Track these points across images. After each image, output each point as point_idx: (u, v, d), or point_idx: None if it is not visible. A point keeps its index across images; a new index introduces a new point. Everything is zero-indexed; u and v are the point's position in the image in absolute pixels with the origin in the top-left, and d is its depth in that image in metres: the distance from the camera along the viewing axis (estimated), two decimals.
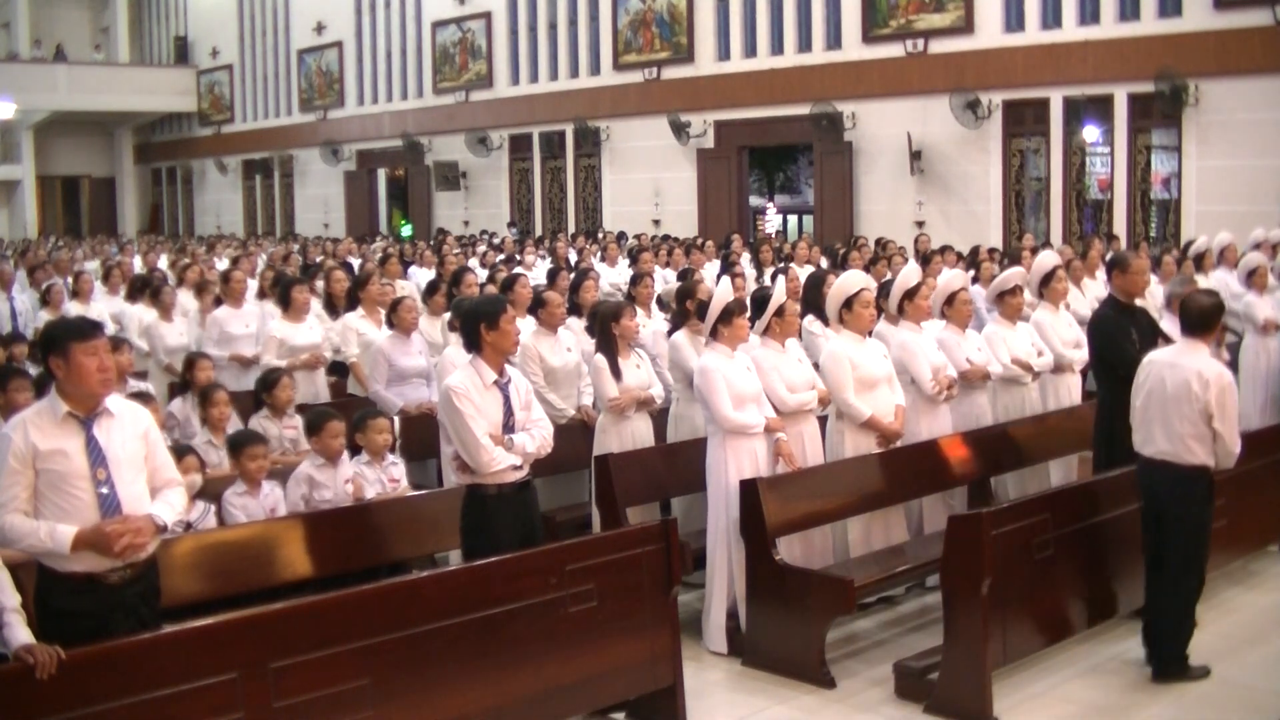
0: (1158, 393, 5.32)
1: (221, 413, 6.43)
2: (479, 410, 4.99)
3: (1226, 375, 5.29)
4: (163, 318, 9.53)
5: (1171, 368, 5.30)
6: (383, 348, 7.77)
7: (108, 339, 4.24)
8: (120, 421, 4.14)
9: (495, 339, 5.07)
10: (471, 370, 5.10)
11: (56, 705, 3.58)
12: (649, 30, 21.67)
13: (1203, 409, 5.18)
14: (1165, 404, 5.28)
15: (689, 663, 5.28)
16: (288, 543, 5.37)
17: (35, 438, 3.98)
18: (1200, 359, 5.28)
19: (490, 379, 5.08)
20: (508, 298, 7.28)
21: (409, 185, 27.80)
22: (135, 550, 4.02)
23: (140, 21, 35.41)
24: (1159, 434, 5.32)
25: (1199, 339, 5.34)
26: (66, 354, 4.03)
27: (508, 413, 5.09)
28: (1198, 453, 5.23)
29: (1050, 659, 5.64)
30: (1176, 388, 5.24)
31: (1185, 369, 5.24)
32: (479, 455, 4.95)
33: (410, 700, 4.25)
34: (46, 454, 3.98)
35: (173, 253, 19.01)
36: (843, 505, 6.11)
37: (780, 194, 30.71)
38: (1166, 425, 5.28)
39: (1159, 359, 5.45)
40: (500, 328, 5.07)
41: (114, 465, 4.06)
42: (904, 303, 6.94)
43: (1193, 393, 5.19)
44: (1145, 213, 16.33)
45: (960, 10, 17.42)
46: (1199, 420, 5.20)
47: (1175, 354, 5.40)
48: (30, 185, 32.16)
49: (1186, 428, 5.22)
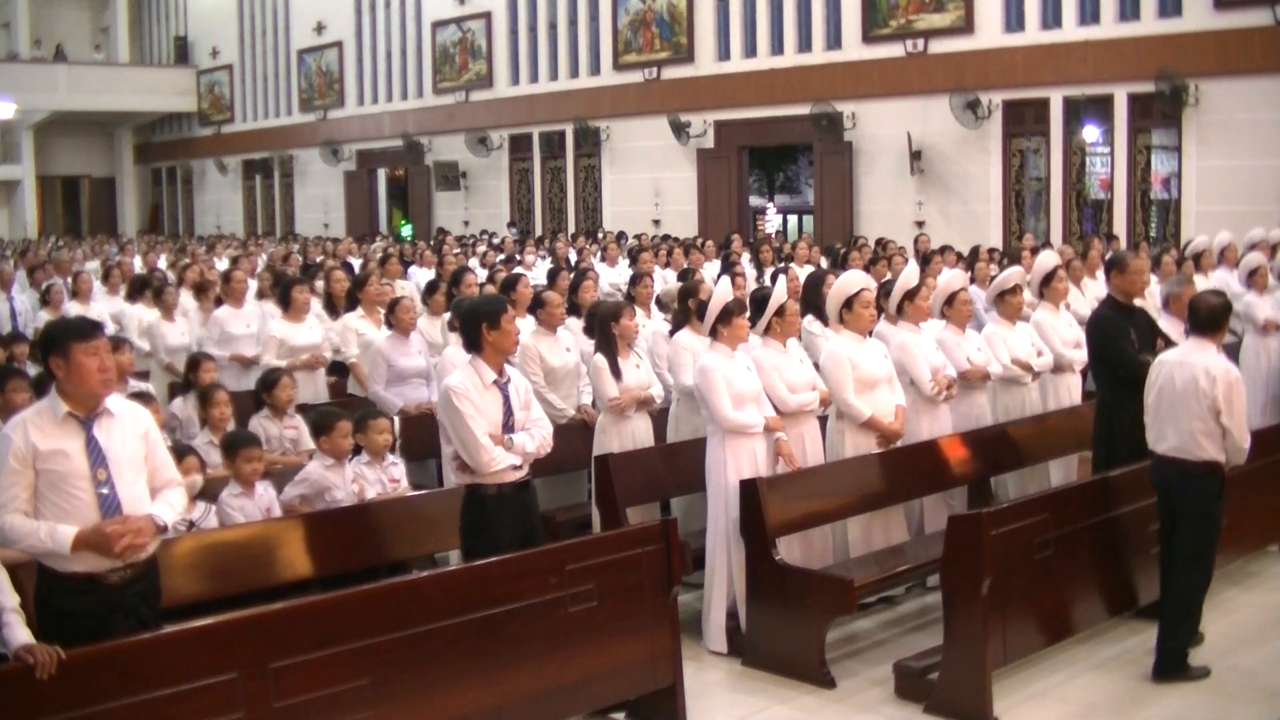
0: (1168, 390, 5.40)
1: (222, 413, 6.43)
2: (479, 410, 4.99)
3: (1234, 371, 5.36)
4: (164, 317, 9.55)
5: (1180, 366, 5.38)
6: (382, 348, 7.77)
7: (108, 339, 4.24)
8: (120, 422, 4.14)
9: (496, 339, 5.07)
10: (471, 370, 5.10)
11: (56, 705, 3.58)
12: (649, 30, 21.67)
13: (1211, 405, 5.25)
14: (1175, 401, 5.35)
15: (689, 663, 5.28)
16: (288, 543, 5.37)
17: (35, 438, 3.98)
18: (1208, 356, 5.35)
19: (490, 379, 5.08)
20: (508, 297, 7.29)
21: (409, 185, 27.80)
22: (135, 551, 4.02)
23: (140, 21, 35.40)
24: (1170, 431, 5.38)
25: (1207, 338, 5.41)
26: (67, 354, 4.03)
27: (507, 412, 5.09)
28: (1207, 449, 5.30)
29: (1050, 659, 5.64)
30: (1185, 385, 5.31)
31: (1193, 366, 5.32)
32: (478, 455, 4.95)
33: (410, 700, 4.25)
34: (46, 454, 3.98)
35: (173, 253, 19.02)
36: (843, 505, 6.11)
37: (780, 194, 30.71)
38: (1177, 422, 5.35)
39: (1169, 358, 5.52)
40: (501, 327, 5.07)
41: (114, 465, 4.06)
42: (904, 303, 6.94)
43: (1200, 389, 5.26)
44: (1145, 213, 16.34)
45: (960, 10, 17.42)
46: (1208, 416, 5.27)
47: (1184, 352, 5.47)
48: (30, 185, 32.15)
49: (1196, 424, 5.29)
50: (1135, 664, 5.64)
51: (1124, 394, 6.23)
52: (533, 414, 5.21)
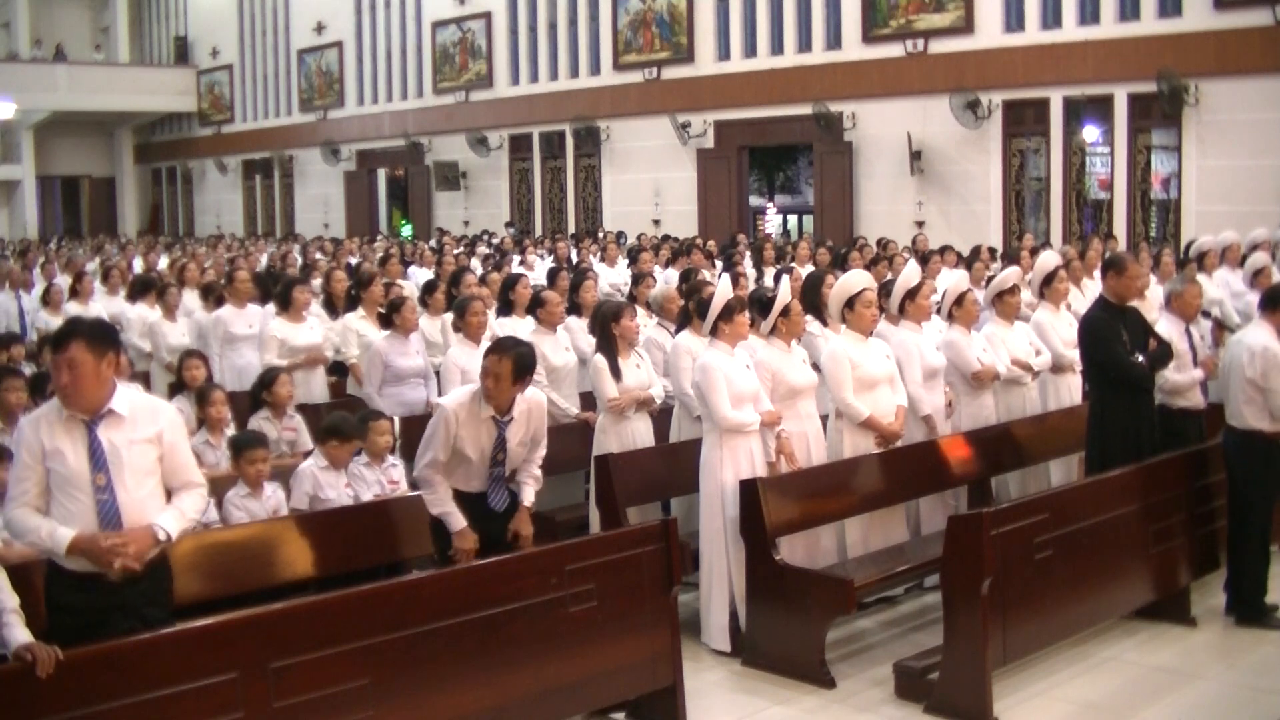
0: (1227, 365, 6.13)
1: (219, 412, 6.42)
2: (448, 434, 5.10)
3: (1274, 347, 5.93)
4: (166, 317, 9.56)
5: (1237, 344, 6.09)
6: (380, 349, 7.75)
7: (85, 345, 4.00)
8: (131, 423, 4.04)
9: (490, 385, 5.13)
10: (472, 400, 5.15)
11: (56, 705, 3.57)
12: (649, 30, 21.67)
13: (1252, 378, 5.88)
14: (1229, 374, 6.06)
15: (689, 663, 5.28)
16: (288, 543, 5.37)
17: (44, 435, 3.97)
18: (1257, 333, 6.00)
19: (488, 414, 5.14)
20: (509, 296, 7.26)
21: (409, 185, 27.80)
22: (128, 564, 3.93)
23: (140, 21, 35.40)
24: (1229, 402, 6.07)
25: (1270, 318, 6.03)
26: (51, 357, 4.03)
27: (499, 446, 5.16)
28: (1248, 417, 5.95)
29: (1050, 659, 5.64)
30: (1234, 359, 6.01)
31: (1242, 343, 6.03)
32: (418, 467, 5.20)
33: (410, 700, 4.25)
34: (51, 453, 3.96)
35: (173, 253, 19.00)
36: (843, 505, 6.11)
37: (780, 194, 30.72)
38: (1230, 393, 6.04)
39: (1234, 338, 6.37)
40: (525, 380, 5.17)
41: (115, 471, 3.98)
42: (905, 303, 6.94)
43: (1242, 363, 5.92)
44: (1145, 213, 16.34)
45: (960, 10, 17.42)
46: (1247, 387, 5.91)
47: (1245, 331, 6.29)
48: (30, 185, 32.15)
49: (1240, 395, 5.96)
50: (1135, 664, 5.65)
51: (1116, 395, 6.24)
52: (535, 454, 5.31)
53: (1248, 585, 6.09)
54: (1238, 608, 6.13)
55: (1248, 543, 6.04)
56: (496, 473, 5.23)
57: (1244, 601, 6.10)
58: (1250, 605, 6.08)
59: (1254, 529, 6.03)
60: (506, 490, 5.29)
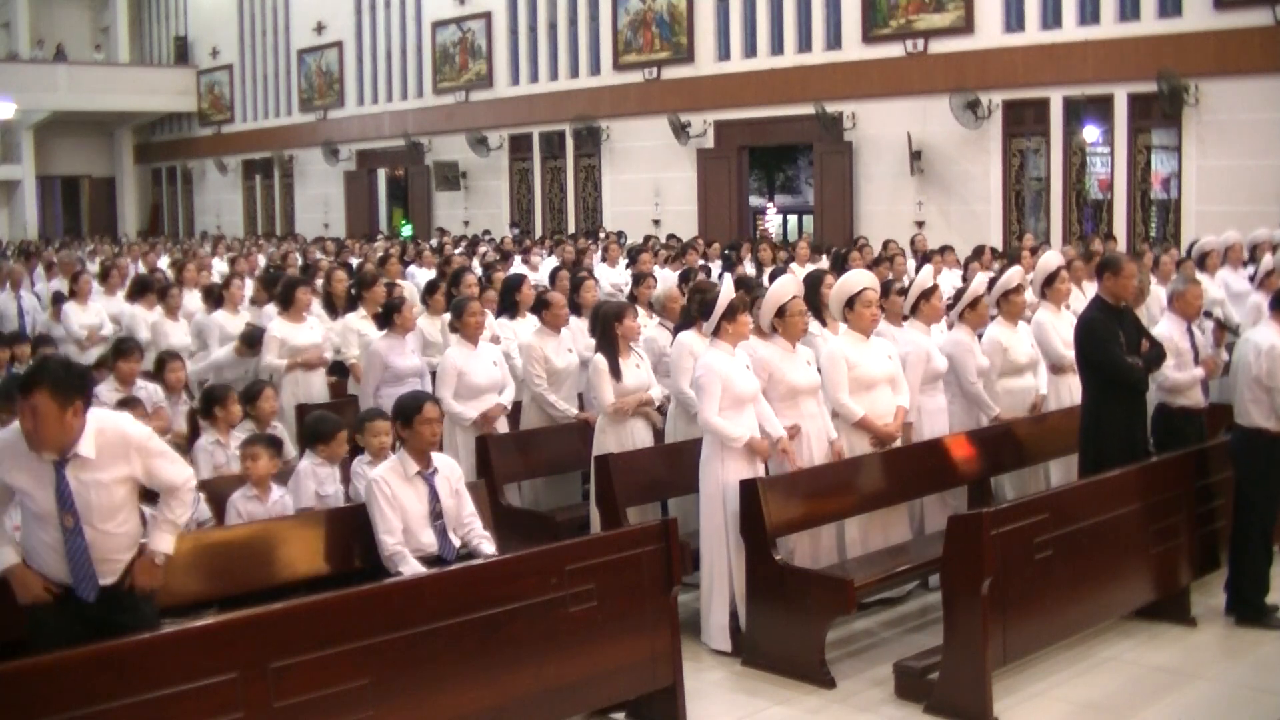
0: (1235, 363, 6.15)
1: (231, 413, 6.39)
2: (391, 505, 5.11)
3: (1279, 347, 5.94)
4: (168, 317, 9.59)
5: (1245, 342, 6.12)
6: (379, 350, 7.75)
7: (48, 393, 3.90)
8: (98, 464, 4.03)
9: (410, 436, 5.20)
10: (397, 461, 5.24)
11: (56, 705, 3.57)
12: (649, 30, 21.66)
13: (1258, 376, 5.90)
14: (1238, 374, 6.06)
15: (689, 663, 5.27)
16: (288, 543, 5.36)
17: (9, 469, 4.00)
18: (1265, 333, 6.00)
19: (413, 470, 5.17)
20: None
21: (409, 185, 27.79)
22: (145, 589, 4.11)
23: (140, 21, 35.39)
24: (1236, 400, 6.09)
25: (1279, 318, 6.06)
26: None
27: (433, 500, 5.20)
28: (1253, 416, 5.97)
29: (1050, 659, 5.64)
30: (1241, 358, 6.03)
31: (1250, 342, 6.05)
32: (382, 550, 5.13)
33: (410, 700, 4.25)
34: (19, 490, 4.01)
35: (173, 254, 18.99)
36: (843, 505, 6.11)
37: (780, 194, 30.71)
38: (1237, 392, 6.07)
39: (1243, 337, 6.41)
40: (414, 427, 5.18)
41: (84, 511, 4.02)
42: (919, 303, 6.95)
43: (1249, 362, 5.94)
44: (1145, 213, 16.33)
45: (960, 10, 17.41)
46: (1253, 385, 5.93)
47: (1253, 330, 6.30)
48: (30, 185, 32.13)
49: (1246, 393, 5.99)
50: (1135, 664, 5.65)
51: (1111, 396, 6.24)
52: (465, 509, 5.30)
53: (1249, 584, 6.10)
54: (1238, 607, 6.14)
55: (1250, 542, 6.06)
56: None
57: (1244, 601, 6.12)
58: (1251, 605, 6.09)
59: (1256, 528, 6.05)
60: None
